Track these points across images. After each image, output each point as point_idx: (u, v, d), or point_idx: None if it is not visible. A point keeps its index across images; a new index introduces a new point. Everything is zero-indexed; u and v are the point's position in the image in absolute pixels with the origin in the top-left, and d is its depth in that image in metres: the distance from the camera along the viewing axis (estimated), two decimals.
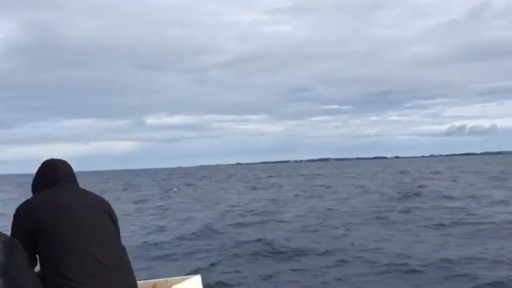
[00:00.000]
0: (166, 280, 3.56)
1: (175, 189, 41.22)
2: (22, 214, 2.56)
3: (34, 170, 2.86)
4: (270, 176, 62.23)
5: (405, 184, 33.58)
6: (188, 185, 47.92)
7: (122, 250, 2.74)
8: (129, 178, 78.92)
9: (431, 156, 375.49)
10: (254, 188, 37.99)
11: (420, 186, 29.49)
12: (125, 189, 44.02)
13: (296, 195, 28.48)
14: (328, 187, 34.49)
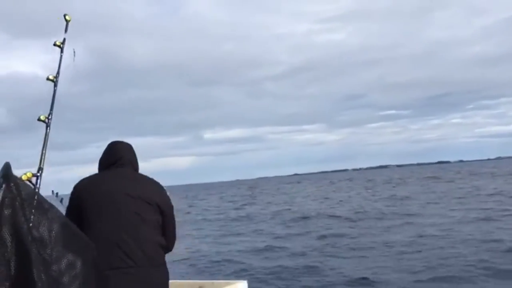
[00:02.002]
0: (212, 282, 3.60)
1: None
2: (72, 193, 2.64)
3: None
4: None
5: None
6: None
7: (157, 248, 2.61)
8: (205, 192, 76.64)
9: (498, 158, 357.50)
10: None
11: None
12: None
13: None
14: None
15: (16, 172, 1.96)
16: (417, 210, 21.42)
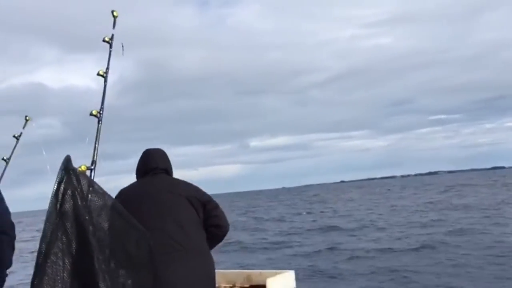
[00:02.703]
0: (260, 272, 3.70)
1: None
2: (116, 197, 2.71)
3: None
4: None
5: None
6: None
7: (200, 236, 2.70)
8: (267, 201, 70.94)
9: None
10: None
11: None
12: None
13: None
14: None
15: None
16: None
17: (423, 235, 16.15)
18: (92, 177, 2.36)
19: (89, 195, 2.09)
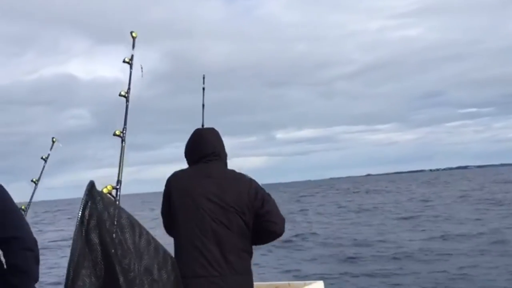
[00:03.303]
0: (288, 284, 3.59)
1: None
2: (165, 185, 2.72)
3: None
4: None
5: None
6: None
7: (241, 250, 2.55)
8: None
9: None
10: None
11: None
12: None
13: None
14: None
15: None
16: None
17: None
18: (118, 196, 2.34)
19: (115, 220, 2.07)
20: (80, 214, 1.95)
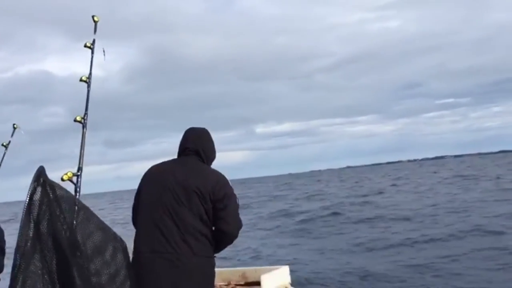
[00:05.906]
0: (255, 269, 3.76)
1: None
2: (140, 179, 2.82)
3: None
4: None
5: None
6: None
7: (201, 234, 2.58)
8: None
9: None
10: None
11: None
12: None
13: None
14: None
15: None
16: None
17: None
18: (78, 184, 2.33)
19: (68, 207, 2.08)
20: (27, 201, 1.92)
